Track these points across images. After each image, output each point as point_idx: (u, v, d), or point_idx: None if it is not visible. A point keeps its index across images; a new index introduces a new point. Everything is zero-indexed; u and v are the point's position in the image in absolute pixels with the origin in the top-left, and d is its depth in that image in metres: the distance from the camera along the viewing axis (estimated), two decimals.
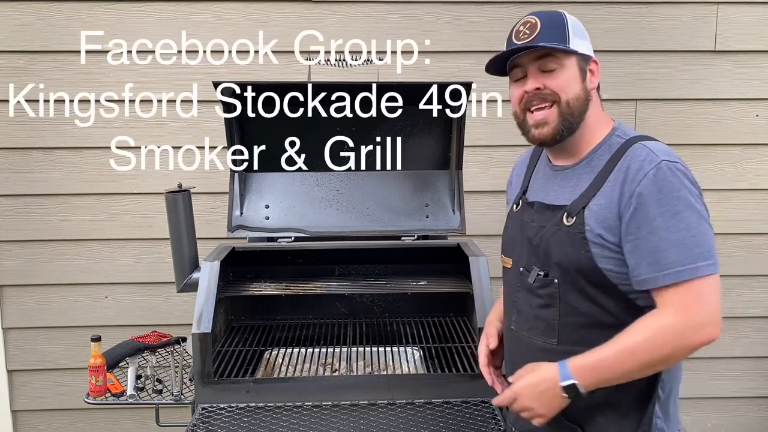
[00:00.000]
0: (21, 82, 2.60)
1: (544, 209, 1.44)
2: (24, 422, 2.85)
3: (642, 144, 1.33)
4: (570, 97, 1.36)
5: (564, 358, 1.34)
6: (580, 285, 1.35)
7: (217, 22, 2.61)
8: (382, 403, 1.79)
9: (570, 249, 1.34)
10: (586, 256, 1.31)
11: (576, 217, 1.34)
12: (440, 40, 2.66)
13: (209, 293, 1.88)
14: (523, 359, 1.44)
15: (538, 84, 1.36)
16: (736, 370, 2.92)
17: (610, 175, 1.33)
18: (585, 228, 1.32)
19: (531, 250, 1.43)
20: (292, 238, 2.25)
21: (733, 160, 2.79)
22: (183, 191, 2.11)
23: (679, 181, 1.27)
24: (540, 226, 1.42)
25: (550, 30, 1.35)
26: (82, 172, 2.67)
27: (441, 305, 2.35)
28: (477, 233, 2.43)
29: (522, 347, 1.47)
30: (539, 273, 1.40)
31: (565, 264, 1.35)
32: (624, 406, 1.35)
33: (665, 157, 1.28)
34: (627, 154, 1.32)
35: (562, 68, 1.36)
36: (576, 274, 1.34)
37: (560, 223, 1.37)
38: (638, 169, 1.28)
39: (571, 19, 1.39)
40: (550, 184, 1.47)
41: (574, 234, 1.34)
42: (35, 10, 2.57)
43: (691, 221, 1.25)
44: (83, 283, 2.74)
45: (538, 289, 1.41)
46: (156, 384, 1.93)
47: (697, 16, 2.69)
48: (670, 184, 1.26)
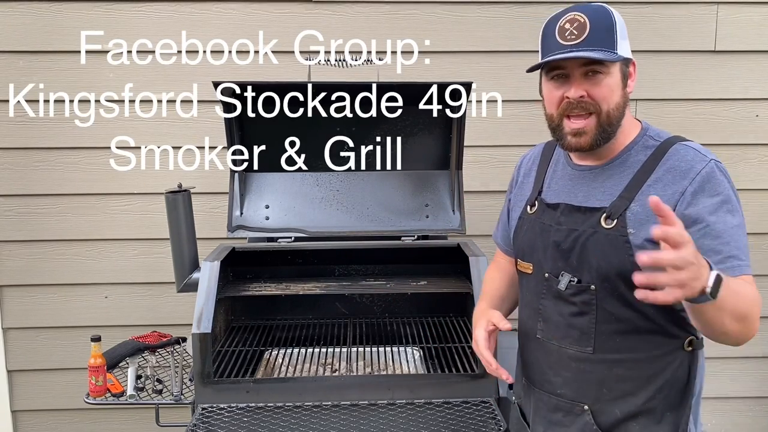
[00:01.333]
0: (21, 82, 2.60)
1: (574, 211, 1.37)
2: (24, 422, 2.85)
3: (684, 144, 1.32)
4: (611, 107, 1.30)
5: (601, 366, 1.33)
6: (619, 290, 1.29)
7: (217, 22, 2.61)
8: (382, 403, 1.80)
9: (611, 253, 1.29)
10: (629, 260, 1.25)
11: (617, 220, 1.29)
12: (440, 40, 2.65)
13: (209, 293, 1.88)
14: (554, 370, 1.41)
15: (582, 91, 1.30)
16: (736, 370, 2.92)
17: (651, 175, 1.30)
18: (628, 231, 1.27)
19: (559, 255, 1.37)
20: (292, 238, 2.25)
21: (733, 160, 2.79)
22: (183, 191, 2.11)
23: (728, 180, 1.29)
24: (570, 230, 1.36)
25: (600, 33, 1.27)
26: (82, 172, 2.67)
27: (441, 305, 2.35)
28: (477, 233, 2.43)
29: (552, 357, 1.41)
30: (572, 280, 1.35)
31: (604, 269, 1.29)
32: (658, 412, 1.34)
33: (713, 157, 1.29)
34: (670, 155, 1.31)
35: (607, 76, 1.30)
36: (617, 279, 1.29)
37: (597, 225, 1.31)
38: (688, 168, 1.28)
39: (618, 18, 1.32)
40: (575, 184, 1.41)
41: (616, 237, 1.28)
42: (35, 10, 2.57)
43: (740, 221, 1.27)
44: (83, 283, 2.74)
45: (572, 296, 1.35)
46: (156, 384, 1.93)
47: (697, 16, 2.69)
48: (722, 183, 1.27)
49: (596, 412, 1.36)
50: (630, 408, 1.33)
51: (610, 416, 1.35)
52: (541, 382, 1.46)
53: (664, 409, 1.33)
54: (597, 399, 1.36)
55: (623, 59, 1.30)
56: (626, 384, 1.34)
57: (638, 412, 1.33)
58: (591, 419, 1.36)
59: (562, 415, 1.41)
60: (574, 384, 1.39)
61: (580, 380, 1.38)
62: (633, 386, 1.34)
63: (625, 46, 1.31)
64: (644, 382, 1.33)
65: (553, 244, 1.38)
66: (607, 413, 1.36)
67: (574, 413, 1.39)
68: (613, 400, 1.35)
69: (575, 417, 1.39)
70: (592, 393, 1.37)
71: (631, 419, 1.34)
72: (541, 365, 1.45)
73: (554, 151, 1.53)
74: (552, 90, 1.35)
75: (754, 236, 2.78)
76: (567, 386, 1.40)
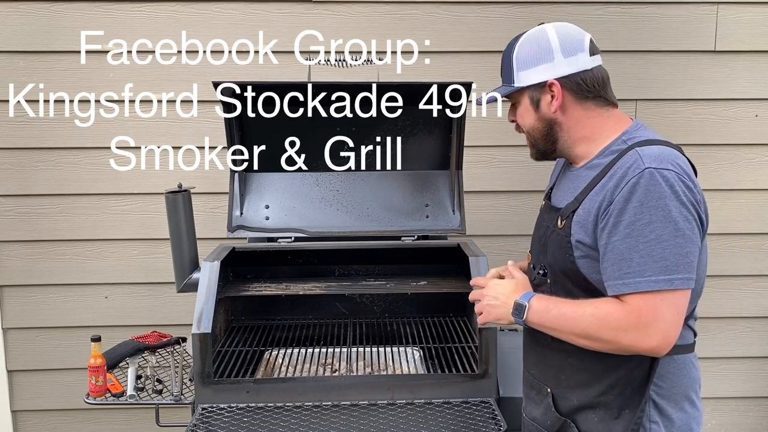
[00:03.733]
0: (21, 82, 2.60)
1: (551, 210, 1.49)
2: (24, 422, 2.85)
3: (636, 150, 1.30)
4: (528, 128, 1.47)
5: (558, 354, 1.43)
6: (567, 287, 1.39)
7: (217, 22, 2.61)
8: (382, 403, 1.80)
9: (558, 252, 1.39)
10: (570, 259, 1.36)
11: (566, 221, 1.38)
12: (440, 40, 2.66)
13: (209, 293, 1.88)
14: (529, 350, 1.55)
15: (511, 117, 1.52)
16: (736, 370, 2.91)
17: (601, 180, 1.32)
18: (570, 232, 1.36)
19: (539, 248, 1.50)
20: (292, 238, 2.25)
21: (733, 160, 2.79)
22: (183, 191, 2.11)
23: (661, 190, 1.22)
24: (545, 226, 1.48)
25: (505, 68, 1.45)
26: (82, 172, 2.67)
27: (441, 305, 2.35)
28: (477, 233, 2.43)
29: (529, 338, 1.56)
30: (539, 271, 1.47)
31: (554, 265, 1.41)
32: (614, 407, 1.36)
33: (653, 164, 1.24)
34: (621, 160, 1.31)
35: (518, 103, 1.48)
36: (563, 276, 1.40)
37: (555, 225, 1.42)
38: (622, 176, 1.27)
39: (519, 48, 1.41)
40: (561, 185, 1.52)
41: (562, 237, 1.38)
42: (35, 10, 2.57)
43: (663, 233, 1.21)
44: (83, 283, 2.74)
45: (537, 287, 1.47)
46: (156, 384, 1.93)
47: (697, 16, 2.69)
48: (650, 193, 1.23)
49: (557, 396, 1.46)
50: (585, 398, 1.39)
51: (568, 402, 1.43)
52: (525, 361, 1.60)
53: (621, 405, 1.36)
54: (557, 384, 1.46)
55: (519, 89, 1.42)
56: (581, 374, 1.40)
57: (595, 404, 1.38)
58: (551, 402, 1.46)
59: (535, 393, 1.53)
60: (540, 365, 1.51)
61: (544, 364, 1.50)
62: (587, 377, 1.40)
63: (529, 75, 1.40)
64: (598, 375, 1.38)
65: (538, 239, 1.52)
66: (566, 399, 1.44)
67: (542, 393, 1.49)
68: (570, 387, 1.43)
69: (543, 397, 1.49)
70: (552, 378, 1.47)
71: (588, 409, 1.40)
72: (526, 346, 1.59)
73: None
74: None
75: (754, 236, 2.79)
76: (536, 367, 1.53)
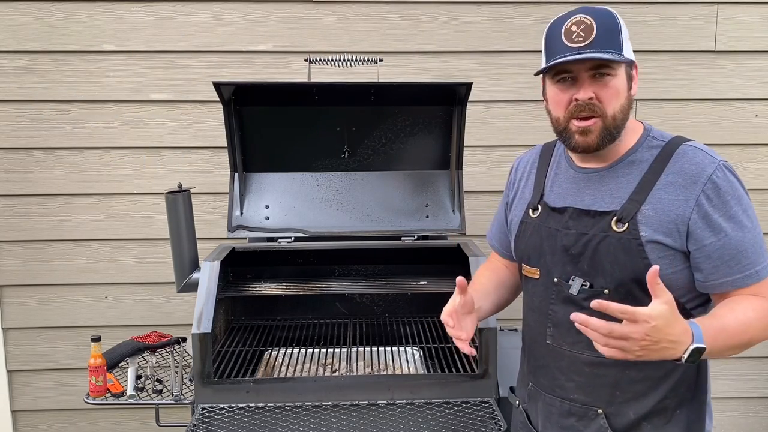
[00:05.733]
0: (21, 82, 2.60)
1: (582, 215, 1.36)
2: (24, 422, 2.85)
3: (690, 145, 1.32)
4: (616, 110, 1.30)
5: (614, 369, 1.34)
6: (634, 294, 1.29)
7: (217, 22, 2.61)
8: (382, 403, 1.80)
9: (624, 257, 1.28)
10: (644, 263, 1.26)
11: (629, 223, 1.28)
12: (440, 40, 2.65)
13: (209, 293, 1.88)
14: (566, 375, 1.41)
15: (591, 93, 1.28)
16: (737, 370, 2.92)
17: (660, 177, 1.30)
18: (640, 234, 1.27)
19: (568, 259, 1.37)
20: (292, 238, 2.25)
21: (733, 161, 2.72)
22: (183, 191, 2.11)
23: (738, 180, 1.29)
24: (579, 234, 1.35)
25: (607, 35, 1.26)
26: (82, 172, 2.67)
27: (441, 305, 2.30)
28: (477, 233, 2.43)
29: (564, 362, 1.41)
30: (584, 284, 1.34)
31: (618, 273, 1.29)
32: (669, 411, 1.35)
33: (720, 158, 1.29)
34: (678, 156, 1.30)
35: (614, 78, 1.29)
36: (631, 283, 1.29)
37: (608, 229, 1.31)
38: (698, 172, 1.27)
39: (621, 21, 1.31)
40: (581, 187, 1.40)
41: (629, 241, 1.28)
42: (35, 10, 2.57)
43: (756, 220, 1.28)
44: (83, 283, 2.74)
45: (584, 300, 1.33)
46: (156, 384, 1.93)
47: (697, 16, 2.69)
48: (733, 185, 1.27)
49: (610, 414, 1.37)
50: (643, 409, 1.34)
51: (624, 418, 1.36)
52: (551, 387, 1.45)
53: (675, 407, 1.34)
54: (610, 402, 1.37)
55: (629, 61, 1.30)
56: (639, 385, 1.35)
57: (651, 412, 1.35)
58: (605, 422, 1.37)
59: (575, 420, 1.41)
60: (587, 388, 1.38)
61: (594, 384, 1.38)
62: (646, 387, 1.34)
63: (628, 49, 1.31)
64: (657, 382, 1.34)
65: (562, 249, 1.38)
66: (621, 415, 1.36)
67: (588, 417, 1.39)
68: (626, 401, 1.36)
69: (589, 421, 1.39)
70: (605, 396, 1.37)
71: (643, 420, 1.35)
72: (552, 370, 1.44)
73: (553, 153, 1.52)
74: (558, 93, 1.33)
75: None
76: (580, 390, 1.40)
